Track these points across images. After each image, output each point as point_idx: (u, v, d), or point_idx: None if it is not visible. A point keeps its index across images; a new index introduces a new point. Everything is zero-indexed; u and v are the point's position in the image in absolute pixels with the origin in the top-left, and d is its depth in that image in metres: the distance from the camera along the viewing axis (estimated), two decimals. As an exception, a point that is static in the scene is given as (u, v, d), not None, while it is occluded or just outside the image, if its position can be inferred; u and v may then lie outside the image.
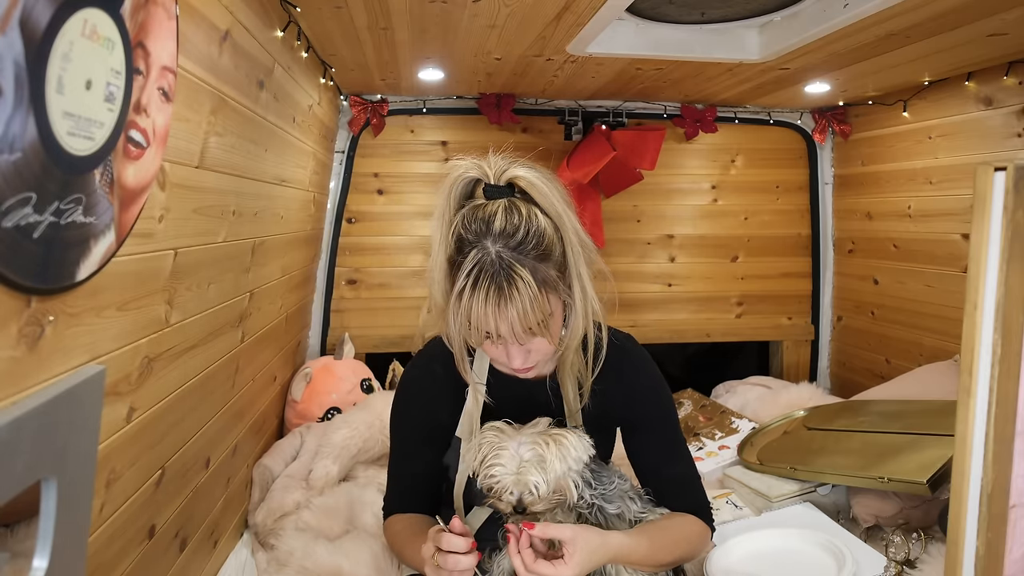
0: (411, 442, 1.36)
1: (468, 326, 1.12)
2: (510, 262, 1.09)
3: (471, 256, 1.10)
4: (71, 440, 0.83)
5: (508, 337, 1.12)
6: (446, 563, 1.08)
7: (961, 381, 0.78)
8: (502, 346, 1.16)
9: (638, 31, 2.08)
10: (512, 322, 1.09)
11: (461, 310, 1.10)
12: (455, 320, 1.13)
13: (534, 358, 1.18)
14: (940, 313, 2.60)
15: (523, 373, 1.21)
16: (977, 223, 0.75)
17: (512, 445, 1.15)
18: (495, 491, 1.15)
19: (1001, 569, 0.80)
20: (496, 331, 1.11)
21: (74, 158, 0.80)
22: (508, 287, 1.08)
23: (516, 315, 1.09)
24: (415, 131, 2.98)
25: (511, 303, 1.08)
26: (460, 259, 1.11)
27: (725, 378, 3.14)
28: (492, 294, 1.08)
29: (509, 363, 1.18)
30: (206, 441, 1.59)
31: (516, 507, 1.14)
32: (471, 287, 1.09)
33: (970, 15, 1.68)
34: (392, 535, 1.38)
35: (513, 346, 1.15)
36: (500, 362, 1.23)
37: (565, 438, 1.15)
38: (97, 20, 0.81)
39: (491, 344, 1.16)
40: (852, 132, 3.05)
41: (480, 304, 1.09)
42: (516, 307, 1.08)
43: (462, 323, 1.12)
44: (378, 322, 3.02)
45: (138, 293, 1.11)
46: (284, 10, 1.68)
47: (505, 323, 1.10)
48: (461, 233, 1.13)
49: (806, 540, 1.62)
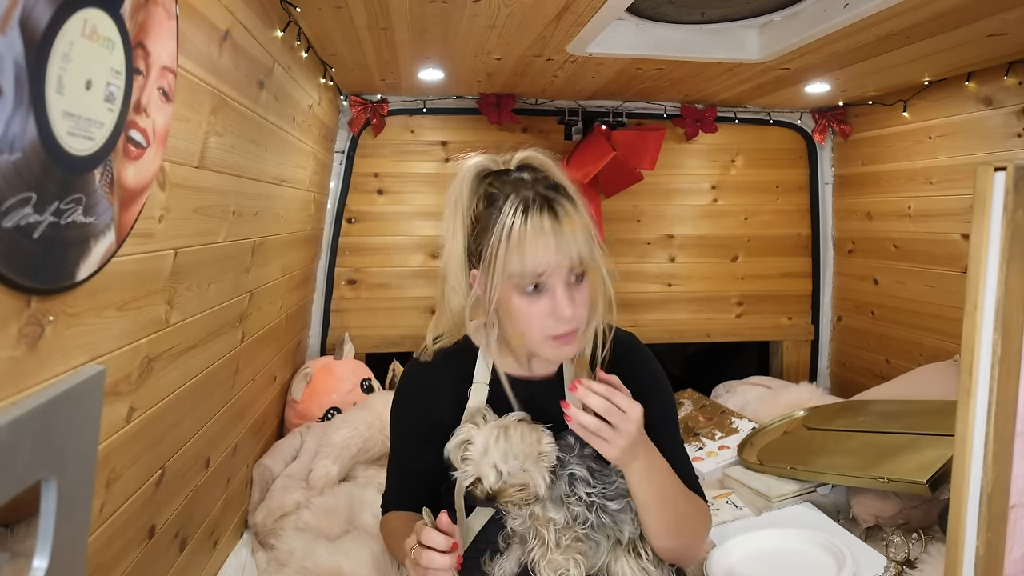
0: (411, 440, 1.35)
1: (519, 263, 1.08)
2: (554, 195, 1.11)
3: (511, 199, 1.10)
4: (71, 440, 0.83)
5: (561, 269, 1.10)
6: (421, 558, 1.05)
7: (961, 381, 0.78)
8: (546, 297, 1.12)
9: (638, 31, 2.08)
10: (568, 248, 1.08)
11: (511, 247, 1.08)
12: (502, 263, 1.09)
13: (579, 312, 1.14)
14: (940, 313, 2.60)
15: (567, 342, 1.16)
16: (977, 223, 0.75)
17: (479, 436, 1.17)
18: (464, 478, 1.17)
19: (1001, 569, 0.80)
20: (550, 260, 1.08)
21: (74, 158, 0.80)
22: (561, 211, 1.09)
23: (571, 238, 1.09)
24: (415, 131, 2.98)
25: (566, 224, 1.09)
26: (494, 210, 1.11)
27: (725, 378, 3.14)
28: (547, 219, 1.08)
29: (559, 312, 1.11)
30: (206, 441, 1.59)
31: (488, 496, 1.16)
32: (521, 220, 1.08)
33: (970, 15, 1.68)
34: (387, 532, 1.37)
35: (562, 290, 1.11)
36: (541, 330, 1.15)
37: (512, 431, 1.15)
38: (97, 20, 0.81)
39: (534, 300, 1.12)
40: (852, 132, 3.05)
41: (535, 232, 1.07)
42: (571, 229, 1.08)
43: (512, 263, 1.09)
44: (378, 322, 3.02)
45: (138, 293, 1.11)
46: (284, 10, 1.68)
47: (563, 249, 1.08)
48: (491, 192, 1.13)
49: (806, 540, 1.63)
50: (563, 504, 1.20)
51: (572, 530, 1.19)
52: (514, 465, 1.15)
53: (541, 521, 1.18)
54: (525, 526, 1.20)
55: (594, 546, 1.22)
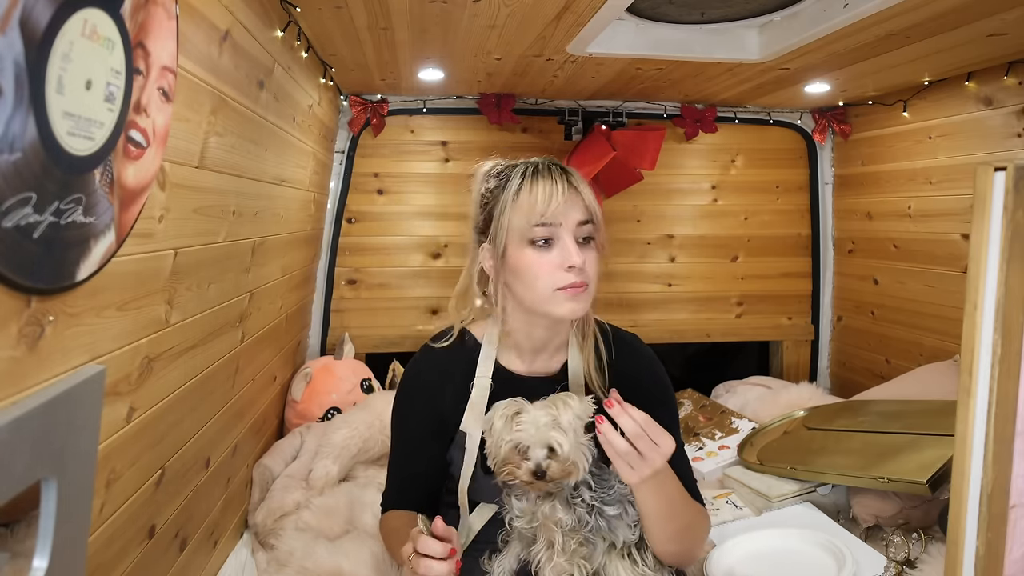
0: (414, 436, 1.34)
1: (531, 211, 1.16)
2: (562, 166, 1.20)
3: (519, 168, 1.20)
4: (71, 440, 0.83)
5: (572, 219, 1.17)
6: (418, 567, 1.04)
7: (961, 381, 0.78)
8: (557, 250, 1.17)
9: (638, 31, 2.08)
10: (580, 202, 1.17)
11: (521, 200, 1.17)
12: (511, 217, 1.17)
13: (588, 270, 1.19)
14: (940, 313, 2.60)
15: (578, 293, 1.18)
16: (977, 223, 0.75)
17: (530, 409, 1.16)
18: (519, 448, 1.14)
19: (1001, 569, 0.80)
20: (561, 207, 1.15)
21: (74, 158, 0.80)
22: (569, 174, 1.18)
23: (582, 195, 1.17)
24: (415, 131, 2.98)
25: (576, 186, 1.18)
26: (504, 180, 1.20)
27: (725, 378, 3.14)
28: (557, 177, 1.17)
29: (569, 259, 1.16)
30: (206, 441, 1.59)
31: (536, 472, 1.13)
32: (531, 178, 1.17)
33: (970, 15, 1.68)
34: (386, 531, 1.37)
35: (570, 240, 1.17)
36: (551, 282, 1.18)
37: (570, 398, 1.17)
38: (97, 20, 0.81)
39: (544, 252, 1.18)
40: (852, 132, 3.05)
41: (546, 181, 1.16)
42: (582, 189, 1.18)
43: (522, 213, 1.16)
44: (378, 322, 3.02)
45: (138, 293, 1.11)
46: (284, 10, 1.68)
47: (573, 200, 1.16)
48: (501, 171, 1.22)
49: (806, 540, 1.62)
50: (570, 505, 1.20)
51: (578, 533, 1.19)
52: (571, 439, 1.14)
53: (550, 521, 1.18)
54: (533, 526, 1.20)
55: (592, 549, 1.22)
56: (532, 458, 1.13)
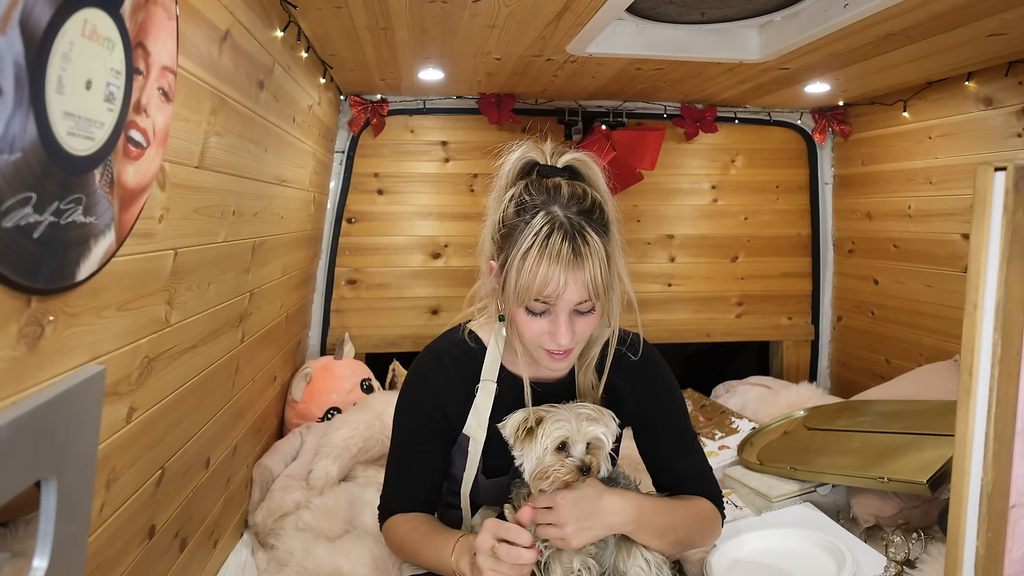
0: (417, 438, 1.33)
1: (530, 287, 1.11)
2: (581, 224, 1.11)
3: (539, 217, 1.11)
4: (71, 440, 0.83)
5: (570, 302, 1.12)
6: (508, 555, 1.08)
7: (961, 381, 0.78)
8: (549, 320, 1.14)
9: (638, 31, 2.08)
10: (582, 283, 1.10)
11: (527, 268, 1.10)
12: (515, 280, 1.12)
13: (578, 338, 1.17)
14: (940, 313, 2.60)
15: (560, 359, 1.19)
16: (977, 223, 0.75)
17: (554, 411, 1.18)
18: (564, 445, 1.16)
19: (1001, 569, 0.80)
20: (561, 291, 1.10)
21: (74, 158, 0.80)
22: (583, 245, 1.10)
23: (588, 275, 1.10)
24: (415, 131, 2.98)
25: (584, 261, 1.10)
26: (521, 222, 1.13)
27: (725, 378, 3.14)
28: (566, 251, 1.09)
29: (556, 338, 1.14)
30: (206, 441, 1.59)
31: (582, 468, 1.15)
32: (541, 244, 1.09)
33: (970, 15, 1.68)
34: (401, 535, 1.34)
35: (564, 318, 1.14)
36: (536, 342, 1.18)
37: (603, 409, 1.20)
38: (97, 20, 0.81)
39: (536, 318, 1.15)
40: (852, 132, 3.05)
41: (552, 260, 1.09)
42: (588, 266, 1.10)
43: (523, 283, 1.11)
44: (378, 322, 3.02)
45: (138, 293, 1.11)
46: (284, 10, 1.68)
47: (576, 283, 1.10)
48: (524, 199, 1.14)
49: (806, 540, 1.62)
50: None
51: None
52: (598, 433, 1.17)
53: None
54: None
55: (602, 548, 1.23)
56: (576, 454, 1.16)
